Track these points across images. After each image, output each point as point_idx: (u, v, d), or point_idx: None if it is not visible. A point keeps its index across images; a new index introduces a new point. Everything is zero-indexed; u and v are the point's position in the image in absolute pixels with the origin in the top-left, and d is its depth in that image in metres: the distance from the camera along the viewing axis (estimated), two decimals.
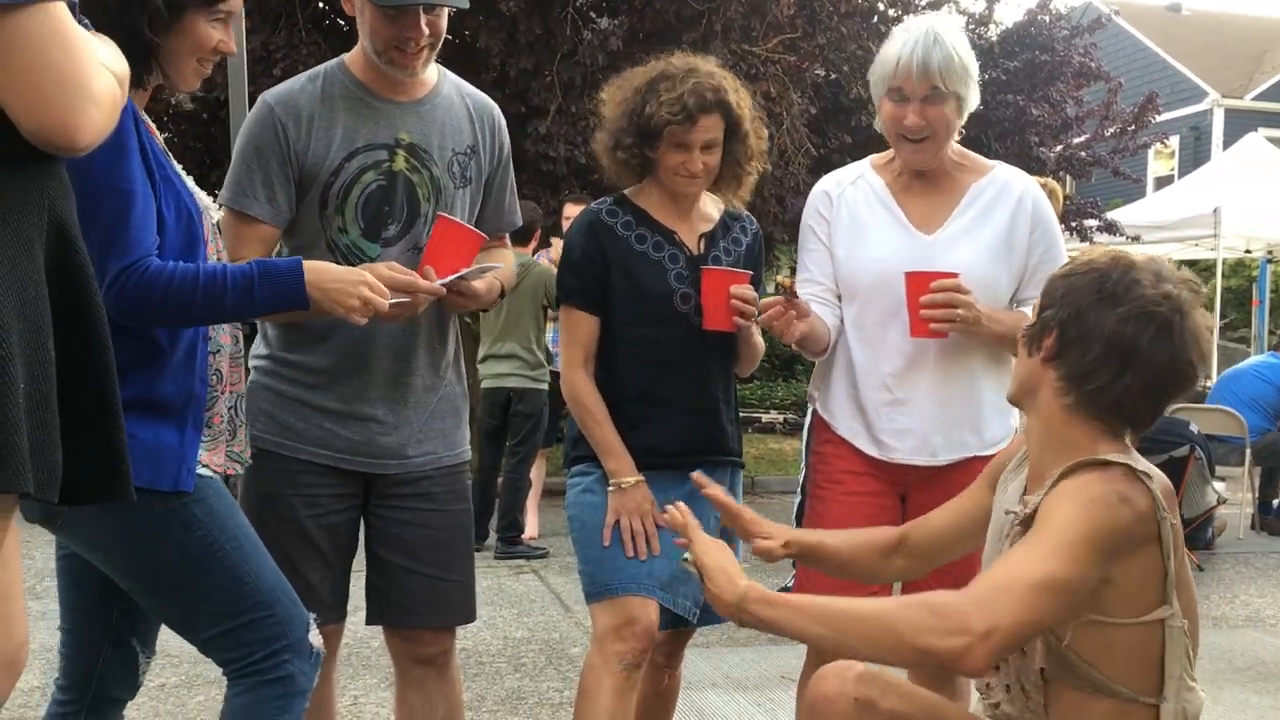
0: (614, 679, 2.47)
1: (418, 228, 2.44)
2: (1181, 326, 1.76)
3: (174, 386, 1.97)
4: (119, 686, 2.18)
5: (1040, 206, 2.59)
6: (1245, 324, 14.85)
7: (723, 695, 3.95)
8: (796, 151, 9.00)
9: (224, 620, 2.00)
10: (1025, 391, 1.90)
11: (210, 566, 1.97)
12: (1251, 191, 11.27)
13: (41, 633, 4.58)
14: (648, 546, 2.52)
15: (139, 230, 1.89)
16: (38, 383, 1.37)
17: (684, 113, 2.44)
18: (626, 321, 2.56)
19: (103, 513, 1.90)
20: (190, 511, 1.97)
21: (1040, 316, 1.86)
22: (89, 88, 1.36)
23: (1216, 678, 4.30)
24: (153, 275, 1.89)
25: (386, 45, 2.34)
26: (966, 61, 2.47)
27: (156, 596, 2.03)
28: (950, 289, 2.40)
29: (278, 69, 7.50)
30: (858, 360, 2.59)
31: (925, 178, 2.58)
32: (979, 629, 1.58)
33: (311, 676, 2.08)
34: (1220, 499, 6.60)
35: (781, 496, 8.65)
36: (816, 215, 2.66)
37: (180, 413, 1.98)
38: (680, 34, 8.02)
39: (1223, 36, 23.29)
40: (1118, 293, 1.76)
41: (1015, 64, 10.95)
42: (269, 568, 2.06)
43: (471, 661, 4.34)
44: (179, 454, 1.96)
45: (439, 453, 2.52)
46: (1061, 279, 1.85)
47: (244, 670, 2.02)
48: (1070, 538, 1.64)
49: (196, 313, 1.95)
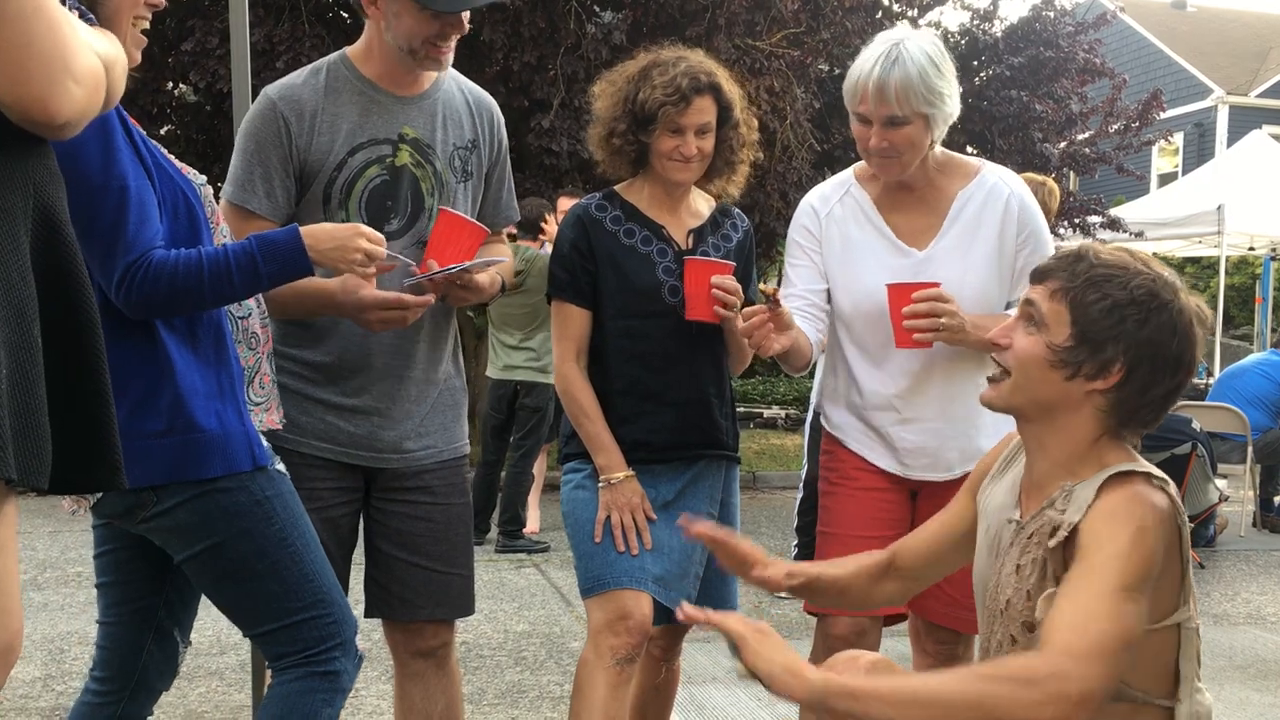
0: (608, 674, 2.47)
1: (421, 222, 2.44)
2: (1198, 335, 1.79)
3: (214, 370, 2.00)
4: (159, 677, 2.21)
5: (1027, 208, 2.55)
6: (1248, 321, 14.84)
7: (723, 690, 3.96)
8: (800, 146, 8.99)
9: (288, 615, 2.03)
10: (1049, 409, 1.82)
11: (283, 561, 2.01)
12: (1255, 189, 11.26)
13: (43, 624, 4.60)
14: (639, 541, 2.52)
15: (138, 225, 1.89)
16: (22, 368, 1.35)
17: (678, 94, 2.47)
18: (615, 315, 2.57)
19: (187, 505, 1.94)
20: (273, 506, 2.01)
21: (1096, 348, 1.75)
22: (70, 64, 1.35)
23: (1217, 675, 4.30)
24: (157, 268, 1.89)
25: (425, 43, 2.34)
26: (932, 80, 2.39)
27: (230, 589, 2.04)
28: (932, 299, 2.38)
29: (280, 62, 7.50)
30: (863, 382, 2.57)
31: (910, 188, 2.55)
32: (1073, 695, 1.54)
33: (354, 676, 2.11)
34: (1222, 496, 6.60)
35: (782, 492, 8.66)
36: (804, 231, 2.62)
37: (232, 393, 2.01)
38: (684, 28, 8.02)
39: (1227, 33, 23.25)
40: (1174, 321, 1.74)
41: (1019, 60, 10.94)
42: (328, 569, 2.09)
43: (472, 655, 4.35)
44: (244, 432, 2.00)
45: (439, 446, 2.53)
46: (1116, 309, 1.74)
47: (298, 661, 2.05)
48: (1132, 579, 1.61)
49: (207, 298, 1.96)
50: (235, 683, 3.93)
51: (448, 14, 2.32)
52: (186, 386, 1.94)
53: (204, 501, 1.95)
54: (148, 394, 1.91)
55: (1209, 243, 11.92)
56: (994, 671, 1.60)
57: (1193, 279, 17.13)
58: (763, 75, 8.46)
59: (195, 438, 1.93)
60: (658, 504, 2.57)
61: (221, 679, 3.96)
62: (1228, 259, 12.14)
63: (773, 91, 8.56)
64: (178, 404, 1.92)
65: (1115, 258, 1.81)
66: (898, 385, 2.53)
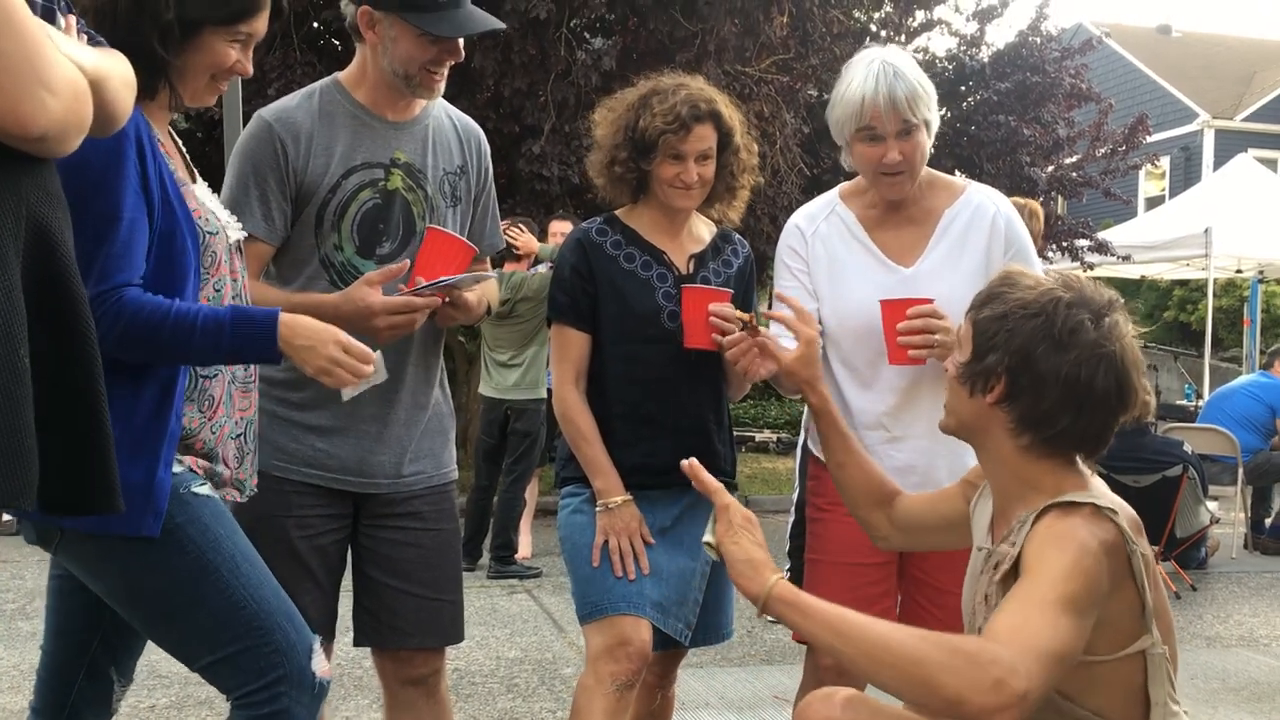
0: (606, 700, 2.46)
1: (413, 245, 2.44)
2: (1124, 355, 1.74)
3: (137, 425, 1.86)
4: (92, 713, 2.12)
5: (1013, 226, 2.57)
6: (1237, 344, 14.89)
7: (716, 715, 3.93)
8: (790, 171, 9.04)
9: (220, 648, 1.92)
10: (970, 430, 1.85)
11: (204, 591, 1.89)
12: (1242, 212, 11.32)
13: (30, 653, 4.56)
14: (636, 566, 2.52)
15: (118, 258, 1.82)
16: (6, 389, 1.33)
17: (678, 122, 2.48)
18: (615, 340, 2.57)
19: (94, 536, 1.86)
20: (184, 533, 1.89)
21: (981, 359, 1.79)
22: (42, 75, 1.33)
23: (1211, 697, 4.29)
24: (121, 306, 1.81)
25: (420, 68, 2.36)
26: (926, 86, 2.47)
27: (151, 622, 1.97)
28: (927, 314, 2.39)
29: (272, 89, 7.51)
30: (852, 401, 2.57)
31: (897, 207, 2.57)
32: (1018, 689, 1.50)
33: (311, 708, 1.98)
34: (1213, 518, 6.59)
35: (775, 515, 8.64)
36: (791, 252, 2.64)
37: (151, 452, 1.87)
38: (673, 54, 8.06)
39: (1213, 58, 23.45)
40: (1065, 339, 1.72)
41: (1006, 85, 11.03)
42: (270, 593, 1.96)
43: (464, 682, 4.32)
44: (146, 495, 1.84)
45: (428, 471, 2.52)
46: (997, 320, 1.77)
47: (239, 702, 1.95)
48: (1070, 595, 1.59)
49: (162, 352, 1.86)
50: (224, 712, 3.87)
51: (445, 40, 2.33)
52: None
53: (102, 539, 1.84)
54: None
55: (1196, 265, 11.97)
56: (941, 640, 1.59)
57: (1181, 301, 17.21)
58: (752, 100, 8.50)
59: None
60: (655, 530, 2.57)
61: (211, 708, 3.93)
62: (1215, 281, 12.19)
63: (762, 116, 8.61)
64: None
65: (1036, 277, 1.81)
66: (886, 403, 2.53)
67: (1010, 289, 1.79)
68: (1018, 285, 1.79)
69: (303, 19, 8.10)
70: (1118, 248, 11.68)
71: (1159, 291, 17.48)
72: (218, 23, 1.94)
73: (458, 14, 2.33)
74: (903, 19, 10.78)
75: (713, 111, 2.53)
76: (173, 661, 2.04)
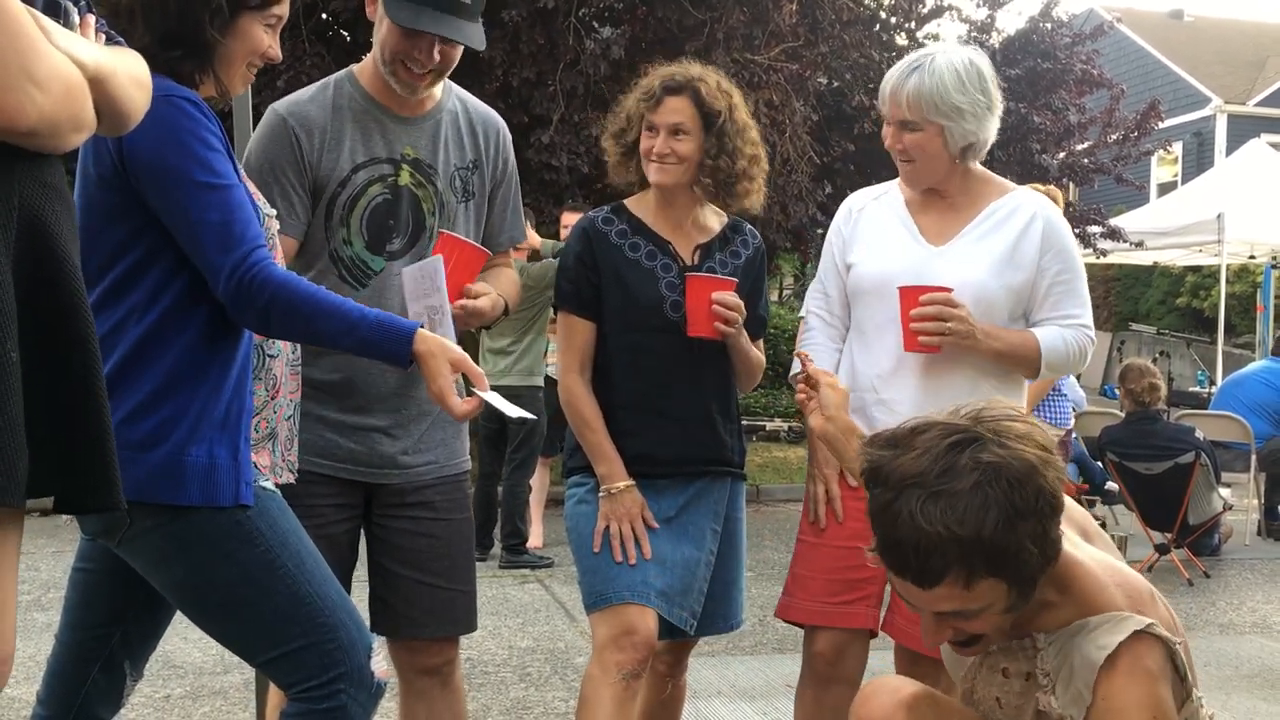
0: (614, 689, 2.46)
1: (422, 242, 2.45)
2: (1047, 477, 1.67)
3: (225, 401, 1.91)
4: (103, 706, 2.12)
5: (1056, 229, 2.58)
6: (1250, 330, 14.82)
7: (728, 704, 3.94)
8: (799, 159, 9.01)
9: (284, 643, 1.92)
10: (1014, 625, 1.77)
11: (272, 585, 1.90)
12: (1255, 197, 11.27)
13: (46, 645, 4.57)
14: (639, 552, 2.51)
15: (245, 223, 1.87)
16: None
17: (650, 93, 2.54)
18: (618, 329, 2.58)
19: (162, 529, 1.87)
20: (254, 525, 1.90)
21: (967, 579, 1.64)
22: (30, 69, 1.31)
23: (1224, 684, 4.28)
24: (269, 272, 1.85)
25: (394, 57, 2.35)
26: (948, 93, 2.45)
27: (215, 615, 1.95)
28: (940, 302, 2.41)
29: (281, 81, 7.51)
30: (856, 361, 2.63)
31: (942, 195, 2.61)
32: None
33: (368, 707, 1.98)
34: (1226, 505, 6.58)
35: (785, 505, 8.64)
36: (836, 231, 2.73)
37: (236, 425, 1.93)
38: (682, 43, 8.03)
39: (1225, 43, 23.28)
40: (1024, 507, 1.63)
41: (1017, 71, 10.95)
42: (333, 589, 1.97)
43: (477, 671, 4.34)
44: (234, 469, 1.90)
45: (440, 462, 2.52)
46: (949, 539, 1.61)
47: (297, 695, 1.95)
48: None
49: (310, 323, 1.89)
50: (240, 701, 3.92)
51: (415, 34, 2.30)
52: (186, 408, 1.87)
53: (178, 526, 1.86)
54: (143, 405, 1.85)
55: (1209, 251, 11.92)
56: None
57: (1194, 287, 17.13)
58: (761, 89, 8.47)
59: (177, 461, 1.85)
60: (660, 519, 2.57)
61: (225, 698, 3.95)
62: (1228, 267, 12.13)
63: (772, 105, 8.58)
64: (170, 423, 1.86)
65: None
66: (880, 366, 2.57)
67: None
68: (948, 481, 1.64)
69: (311, 10, 8.08)
70: (1130, 234, 11.64)
71: (1171, 278, 17.40)
72: (254, 6, 1.96)
73: (431, 12, 2.28)
74: (913, 5, 10.68)
75: (690, 86, 2.53)
76: (187, 652, 2.05)
